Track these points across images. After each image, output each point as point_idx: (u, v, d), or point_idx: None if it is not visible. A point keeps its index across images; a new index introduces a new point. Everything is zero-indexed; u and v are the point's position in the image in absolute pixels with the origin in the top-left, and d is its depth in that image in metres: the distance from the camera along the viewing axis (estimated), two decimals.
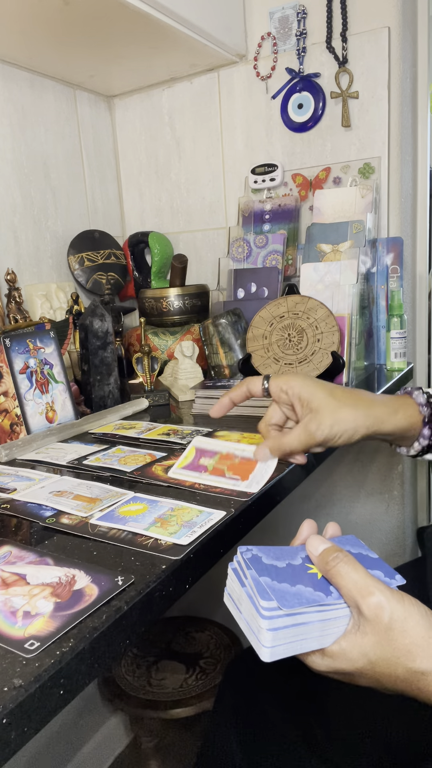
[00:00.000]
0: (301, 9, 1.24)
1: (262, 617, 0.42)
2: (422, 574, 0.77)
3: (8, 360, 0.85)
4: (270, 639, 0.42)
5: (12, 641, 0.39)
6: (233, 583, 0.47)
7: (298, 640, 0.43)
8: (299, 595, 0.44)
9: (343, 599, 0.45)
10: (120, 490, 0.64)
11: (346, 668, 0.44)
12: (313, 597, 0.44)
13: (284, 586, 0.44)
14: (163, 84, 1.45)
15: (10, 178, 1.25)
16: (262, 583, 0.44)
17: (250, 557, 0.47)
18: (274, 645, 0.43)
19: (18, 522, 0.59)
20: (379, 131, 1.21)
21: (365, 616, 0.43)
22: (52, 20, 1.05)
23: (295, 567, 0.47)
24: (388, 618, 0.43)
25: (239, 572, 0.47)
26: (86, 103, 1.44)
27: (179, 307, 1.28)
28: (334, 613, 0.44)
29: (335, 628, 0.44)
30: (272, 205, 1.32)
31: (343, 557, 0.46)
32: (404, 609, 0.43)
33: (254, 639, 0.44)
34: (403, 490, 1.35)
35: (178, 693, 1.22)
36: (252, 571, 0.45)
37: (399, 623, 0.43)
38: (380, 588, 0.44)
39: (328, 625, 0.44)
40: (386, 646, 0.43)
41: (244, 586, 0.46)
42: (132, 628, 0.43)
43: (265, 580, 0.44)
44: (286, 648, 0.43)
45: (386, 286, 1.22)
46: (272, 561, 0.47)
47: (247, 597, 0.45)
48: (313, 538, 0.49)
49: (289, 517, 1.48)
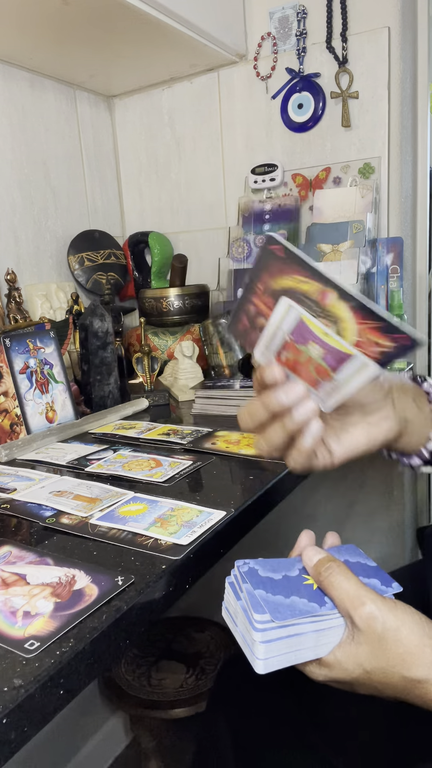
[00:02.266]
0: (301, 9, 1.24)
1: (255, 630, 0.43)
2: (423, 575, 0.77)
3: (8, 360, 0.85)
4: (263, 651, 0.43)
5: (12, 641, 0.39)
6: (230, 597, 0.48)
7: (292, 651, 0.44)
8: (293, 607, 0.44)
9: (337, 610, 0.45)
10: (120, 490, 0.64)
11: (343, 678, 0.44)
12: (307, 608, 0.44)
13: (278, 598, 0.44)
14: (163, 84, 1.45)
15: (10, 178, 1.25)
16: (256, 596, 0.44)
17: (247, 570, 0.47)
18: (267, 657, 0.43)
19: (18, 522, 0.59)
20: (379, 131, 1.21)
21: (358, 627, 0.43)
22: (52, 20, 1.05)
23: (291, 578, 0.47)
24: (380, 628, 0.42)
25: (236, 586, 0.47)
26: (86, 103, 1.44)
27: (179, 307, 1.28)
28: (328, 623, 0.44)
29: (330, 637, 0.44)
30: (272, 205, 1.32)
31: (335, 567, 0.46)
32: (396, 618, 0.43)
33: (249, 651, 0.44)
34: (403, 490, 1.35)
35: (178, 693, 1.22)
36: (247, 585, 0.46)
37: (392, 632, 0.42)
38: (372, 598, 0.43)
39: (323, 635, 0.44)
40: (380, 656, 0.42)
41: (240, 600, 0.46)
42: (132, 628, 0.43)
43: (259, 593, 0.45)
44: (280, 659, 0.44)
45: (386, 286, 1.22)
46: (268, 573, 0.47)
47: (242, 610, 0.45)
48: (308, 549, 0.49)
49: (290, 517, 1.48)
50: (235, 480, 0.70)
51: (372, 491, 1.38)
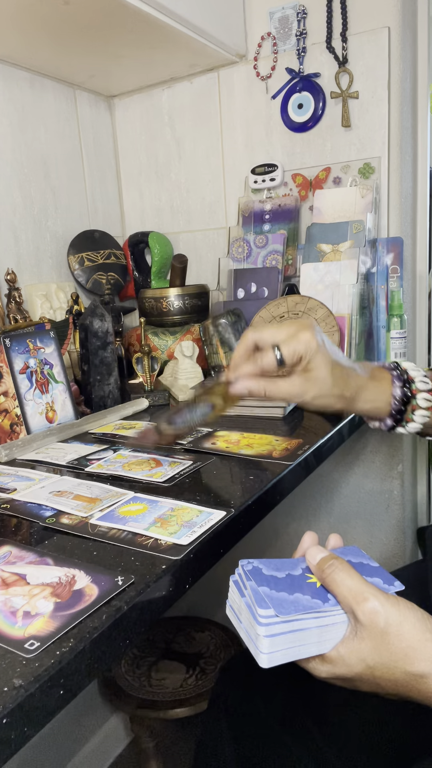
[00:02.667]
0: (301, 9, 1.24)
1: (259, 624, 0.43)
2: (423, 575, 0.77)
3: (8, 360, 0.85)
4: (267, 645, 0.43)
5: (12, 641, 0.39)
6: (234, 595, 0.48)
7: (296, 646, 0.44)
8: (296, 603, 0.44)
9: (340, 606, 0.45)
10: (120, 490, 0.64)
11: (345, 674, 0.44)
12: (311, 604, 0.45)
13: (282, 594, 0.45)
14: (163, 84, 1.45)
15: (10, 178, 1.25)
16: (260, 592, 0.45)
17: (251, 569, 0.48)
18: (272, 651, 0.43)
19: (18, 522, 0.59)
20: (379, 131, 1.21)
21: (361, 622, 0.44)
22: (52, 20, 1.05)
23: (295, 577, 0.48)
24: (383, 623, 0.43)
25: (240, 584, 0.48)
26: (86, 103, 1.44)
27: (179, 307, 1.28)
28: (331, 620, 0.45)
29: (333, 633, 0.45)
30: (272, 205, 1.32)
31: (338, 564, 0.46)
32: (399, 613, 0.43)
33: (253, 647, 0.45)
34: (403, 490, 1.35)
35: (178, 693, 1.22)
36: (252, 582, 0.46)
37: (395, 627, 0.43)
38: (374, 593, 0.44)
39: (326, 631, 0.45)
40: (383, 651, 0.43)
41: (244, 597, 0.46)
42: (132, 628, 0.43)
43: (263, 589, 0.45)
44: (284, 654, 0.44)
45: (386, 286, 1.22)
46: (272, 572, 0.48)
47: (246, 606, 0.45)
48: (312, 548, 0.50)
49: (290, 517, 1.48)
50: (235, 480, 0.70)
51: (372, 491, 1.38)
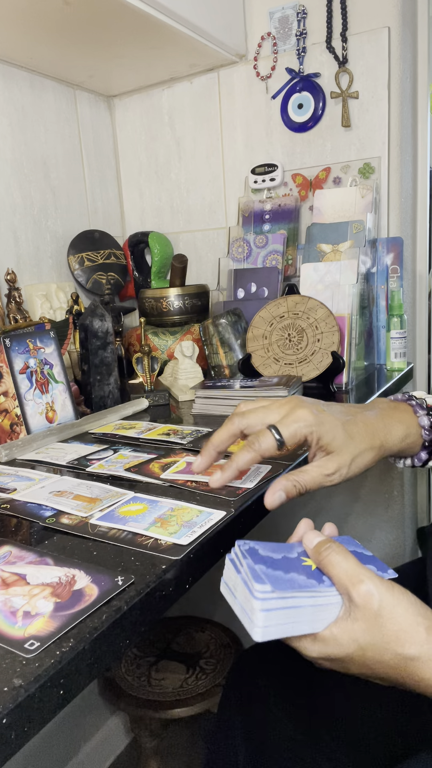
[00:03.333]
0: (301, 9, 1.24)
1: (255, 599, 0.44)
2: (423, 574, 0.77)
3: (8, 360, 0.85)
4: (262, 619, 0.43)
5: (12, 641, 0.39)
6: (230, 572, 0.49)
7: (289, 622, 0.44)
8: (292, 581, 0.45)
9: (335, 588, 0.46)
10: (120, 490, 0.64)
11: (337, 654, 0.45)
12: (306, 584, 0.46)
13: (278, 573, 0.46)
14: (163, 84, 1.45)
15: (10, 178, 1.25)
16: (256, 569, 0.45)
17: (248, 549, 0.48)
18: (266, 625, 0.44)
19: (18, 522, 0.59)
20: (379, 131, 1.21)
21: (356, 603, 0.44)
22: (52, 20, 1.05)
23: (291, 559, 0.49)
24: (377, 605, 0.44)
25: (236, 561, 0.48)
26: (86, 103, 1.44)
27: (179, 307, 1.28)
28: (325, 600, 0.45)
29: (327, 613, 0.45)
30: (272, 205, 1.32)
31: (335, 547, 0.47)
32: (393, 596, 0.44)
33: (247, 621, 0.45)
34: (403, 490, 1.35)
35: (178, 693, 1.22)
36: (248, 560, 0.47)
37: (388, 610, 0.44)
38: (370, 576, 0.45)
39: (320, 610, 0.45)
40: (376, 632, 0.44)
41: (240, 573, 0.47)
42: (132, 628, 0.43)
43: (260, 567, 0.46)
44: (277, 629, 0.44)
45: (386, 286, 1.22)
46: (268, 553, 0.48)
47: (242, 582, 0.46)
48: (310, 532, 0.51)
49: (290, 516, 1.48)
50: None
51: (372, 491, 1.38)
